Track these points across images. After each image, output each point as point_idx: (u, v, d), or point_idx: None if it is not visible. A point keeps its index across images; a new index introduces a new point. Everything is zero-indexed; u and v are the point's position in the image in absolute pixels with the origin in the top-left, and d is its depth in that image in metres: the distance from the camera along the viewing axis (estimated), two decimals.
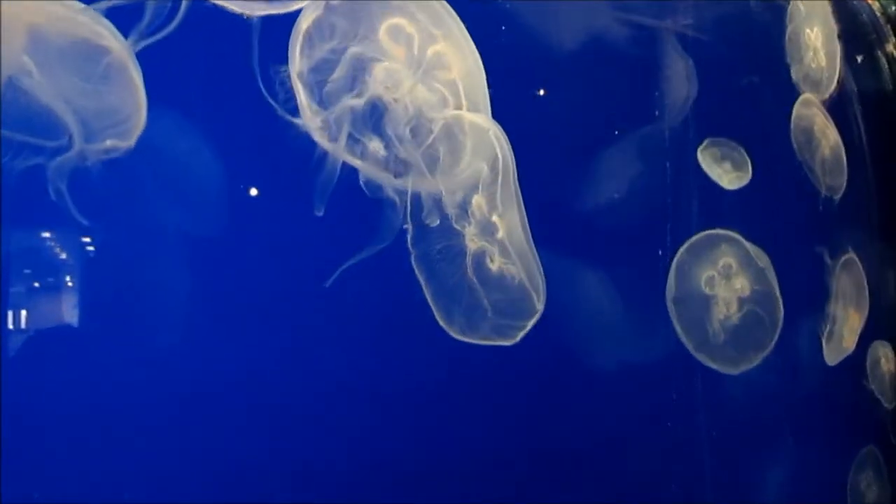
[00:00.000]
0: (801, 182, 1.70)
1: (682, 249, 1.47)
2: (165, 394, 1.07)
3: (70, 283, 1.02)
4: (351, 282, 1.15)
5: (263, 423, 1.11)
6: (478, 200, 1.24)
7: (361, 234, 1.18)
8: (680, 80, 1.58)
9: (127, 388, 1.04)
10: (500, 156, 1.26)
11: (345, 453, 1.16)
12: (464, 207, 1.23)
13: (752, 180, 1.62)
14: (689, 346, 1.45)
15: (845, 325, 1.77)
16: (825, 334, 1.71)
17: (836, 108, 1.85)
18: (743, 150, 1.59)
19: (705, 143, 1.56)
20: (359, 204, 1.17)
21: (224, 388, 1.09)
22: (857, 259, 1.83)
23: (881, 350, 1.92)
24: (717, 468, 1.53)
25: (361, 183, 1.17)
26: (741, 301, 1.50)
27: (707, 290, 1.48)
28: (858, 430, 1.86)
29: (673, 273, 1.45)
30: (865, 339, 1.85)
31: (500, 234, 1.26)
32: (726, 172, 1.55)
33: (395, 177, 1.18)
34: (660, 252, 1.49)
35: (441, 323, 1.21)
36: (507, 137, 1.27)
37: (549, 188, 1.38)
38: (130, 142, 1.05)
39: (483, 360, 1.26)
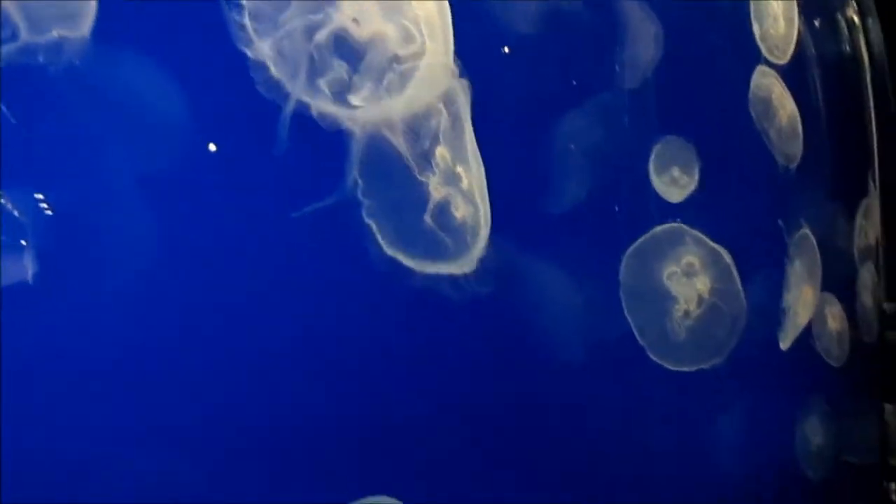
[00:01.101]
0: (759, 152, 1.74)
1: (642, 240, 1.50)
2: (126, 343, 1.06)
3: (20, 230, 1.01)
4: (307, 228, 1.17)
5: (225, 371, 1.11)
6: (441, 151, 1.24)
7: (320, 175, 1.19)
8: (646, 42, 1.60)
9: (88, 341, 1.04)
10: (462, 105, 1.27)
11: (297, 403, 1.17)
12: (427, 157, 1.23)
13: (710, 152, 1.67)
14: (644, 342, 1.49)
15: (799, 301, 1.83)
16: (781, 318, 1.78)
17: (795, 73, 1.88)
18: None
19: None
20: (316, 143, 1.17)
21: (187, 335, 1.09)
22: (810, 233, 1.88)
23: (828, 308, 1.98)
24: (669, 421, 1.60)
25: (316, 117, 1.16)
26: (702, 300, 1.54)
27: (668, 288, 1.52)
28: (806, 385, 1.93)
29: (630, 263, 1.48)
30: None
31: (464, 184, 1.27)
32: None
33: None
34: (616, 208, 1.53)
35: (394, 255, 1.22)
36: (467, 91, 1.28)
37: (508, 147, 1.39)
38: (82, 32, 1.04)
39: (434, 326, 1.29)
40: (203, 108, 1.12)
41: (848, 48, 2.17)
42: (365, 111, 1.18)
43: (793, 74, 1.87)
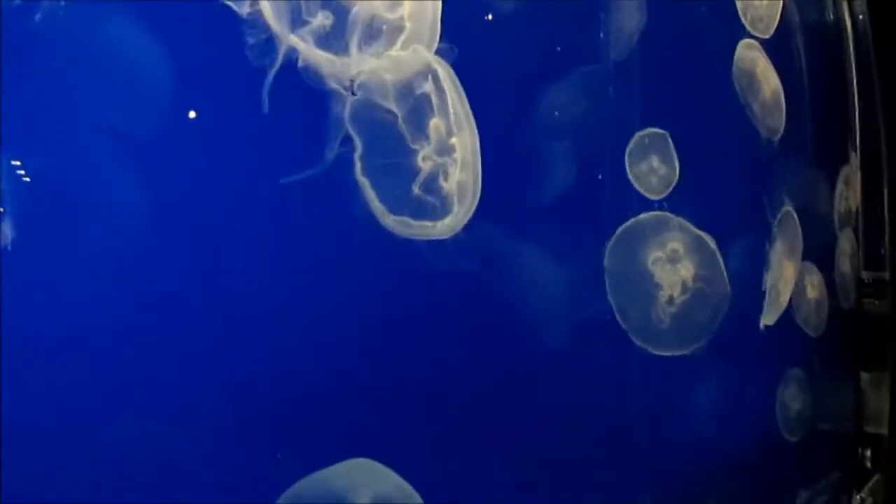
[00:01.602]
0: (743, 126, 1.75)
1: (627, 225, 1.51)
2: (111, 306, 1.04)
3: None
4: (297, 190, 1.16)
5: (210, 335, 1.10)
6: (436, 123, 1.24)
7: (309, 137, 1.17)
8: (630, 10, 1.59)
9: (70, 307, 1.02)
10: (448, 78, 1.26)
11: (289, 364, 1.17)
12: (421, 127, 1.23)
13: (696, 123, 1.68)
14: (626, 327, 1.50)
15: (781, 280, 1.85)
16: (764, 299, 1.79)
17: (779, 43, 1.89)
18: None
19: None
20: (305, 102, 1.16)
21: (173, 300, 1.08)
22: (791, 210, 1.90)
23: (807, 277, 2.01)
24: (647, 392, 1.60)
25: (303, 75, 1.15)
26: (686, 286, 1.55)
27: (652, 273, 1.53)
28: (785, 355, 1.95)
29: (615, 248, 1.48)
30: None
31: (457, 155, 1.27)
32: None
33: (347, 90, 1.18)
34: (599, 177, 1.52)
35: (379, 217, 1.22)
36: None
37: (495, 115, 1.37)
38: None
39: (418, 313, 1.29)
40: (188, 68, 1.09)
41: (831, 16, 2.18)
42: (356, 67, 1.18)
43: (777, 45, 1.87)
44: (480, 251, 1.32)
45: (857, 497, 2.31)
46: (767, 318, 1.83)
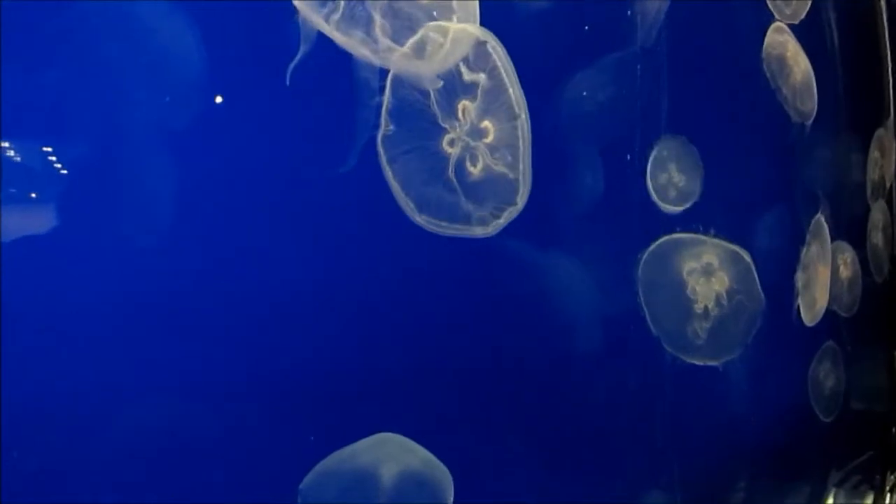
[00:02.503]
0: (774, 112, 1.72)
1: (661, 242, 1.50)
2: (144, 293, 1.05)
3: (46, 188, 1.00)
4: (329, 178, 1.16)
5: (241, 317, 1.11)
6: (466, 104, 1.23)
7: (339, 125, 1.17)
8: None
9: (104, 293, 1.03)
10: (499, 63, 1.24)
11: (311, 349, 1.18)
12: (451, 108, 1.21)
13: (726, 109, 1.67)
14: (658, 334, 1.50)
15: (816, 284, 1.84)
16: (799, 301, 1.79)
17: (810, 22, 1.86)
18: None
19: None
20: (337, 89, 1.16)
21: (204, 283, 1.09)
22: (823, 219, 1.89)
23: (840, 257, 1.99)
24: (677, 387, 1.60)
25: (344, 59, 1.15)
26: (720, 299, 1.54)
27: (686, 286, 1.52)
28: (819, 336, 1.94)
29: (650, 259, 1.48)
30: None
31: (489, 139, 1.25)
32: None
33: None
34: (628, 157, 1.50)
35: (409, 214, 1.22)
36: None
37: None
38: None
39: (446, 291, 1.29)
40: (222, 55, 1.09)
41: None
42: (394, 58, 1.17)
43: (808, 24, 1.85)
44: (513, 255, 1.33)
45: (892, 477, 2.31)
46: (808, 318, 1.83)
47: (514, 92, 1.26)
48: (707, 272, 1.52)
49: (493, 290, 1.34)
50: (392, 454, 1.19)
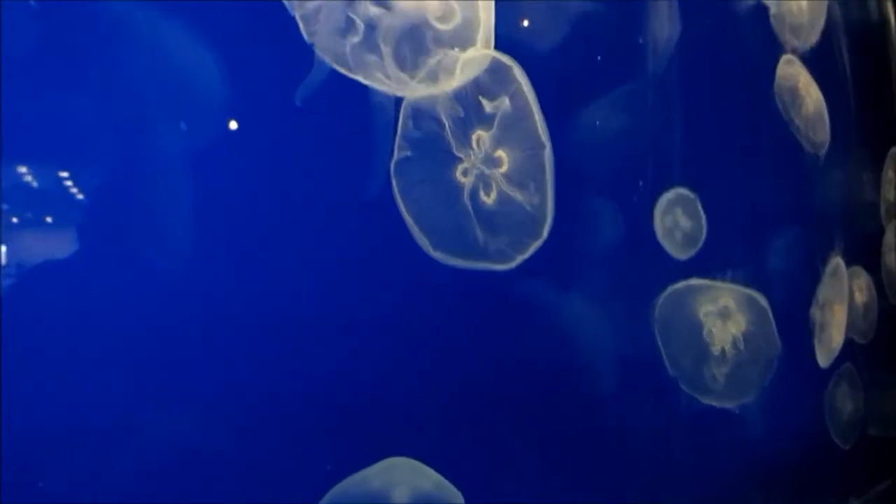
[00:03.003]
0: (788, 142, 1.72)
1: (678, 285, 1.50)
2: (161, 315, 1.06)
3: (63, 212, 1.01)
4: (344, 210, 1.17)
5: (256, 342, 1.11)
6: (481, 133, 1.22)
7: (356, 152, 1.18)
8: (662, 21, 1.56)
9: (128, 319, 1.03)
10: (524, 90, 1.24)
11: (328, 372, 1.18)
12: (465, 137, 1.21)
13: (738, 142, 1.66)
14: (675, 375, 1.50)
15: (832, 324, 1.83)
16: (816, 340, 1.78)
17: (822, 47, 1.86)
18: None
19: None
20: (354, 117, 1.17)
21: (223, 311, 1.09)
22: (841, 261, 1.89)
23: (856, 282, 1.98)
24: (693, 421, 1.59)
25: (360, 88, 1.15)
26: (737, 342, 1.54)
27: (703, 328, 1.52)
28: (836, 364, 1.93)
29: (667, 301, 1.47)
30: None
31: (504, 169, 1.24)
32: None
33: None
34: (640, 183, 1.50)
35: (427, 249, 1.22)
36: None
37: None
38: None
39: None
40: (241, 82, 1.09)
41: (875, 15, 2.14)
42: (411, 87, 1.17)
43: (820, 48, 1.85)
44: (530, 293, 1.33)
45: None
46: (822, 360, 1.82)
47: (538, 120, 1.26)
48: (724, 315, 1.52)
49: (510, 326, 1.33)
50: (404, 478, 1.19)
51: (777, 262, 1.69)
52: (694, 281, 1.49)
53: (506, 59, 1.23)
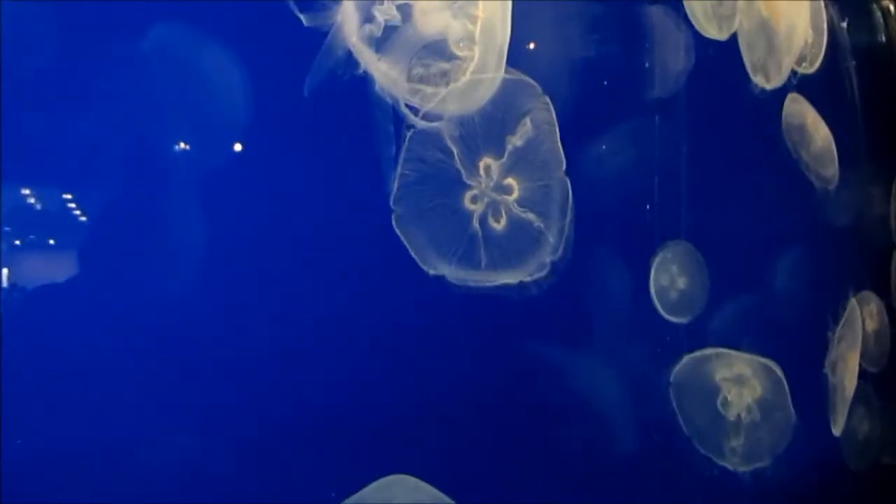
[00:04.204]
0: (798, 180, 1.71)
1: (694, 356, 1.49)
2: (167, 337, 1.06)
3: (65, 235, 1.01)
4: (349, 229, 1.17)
5: (265, 367, 1.12)
6: (488, 161, 1.22)
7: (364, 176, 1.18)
8: (675, 51, 1.55)
9: (128, 344, 1.03)
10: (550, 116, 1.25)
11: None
12: (473, 164, 1.21)
13: (751, 178, 1.65)
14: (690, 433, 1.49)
15: (846, 375, 1.82)
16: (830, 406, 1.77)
17: (828, 69, 1.84)
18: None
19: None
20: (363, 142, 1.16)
21: (229, 335, 1.10)
22: (855, 304, 1.87)
23: (866, 309, 1.96)
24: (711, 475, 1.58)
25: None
26: (751, 407, 1.53)
27: (719, 394, 1.52)
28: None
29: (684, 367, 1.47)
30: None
31: (515, 195, 1.24)
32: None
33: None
34: (647, 206, 1.49)
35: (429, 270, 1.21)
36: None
37: None
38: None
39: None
40: (253, 105, 1.09)
41: (883, 37, 2.12)
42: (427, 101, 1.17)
43: (825, 70, 1.83)
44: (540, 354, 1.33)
45: None
46: (837, 423, 1.82)
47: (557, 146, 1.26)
48: (740, 382, 1.51)
49: (521, 391, 1.33)
50: (401, 494, 1.19)
51: (788, 319, 1.69)
52: (709, 350, 1.49)
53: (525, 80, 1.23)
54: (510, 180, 1.24)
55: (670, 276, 1.46)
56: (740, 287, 1.61)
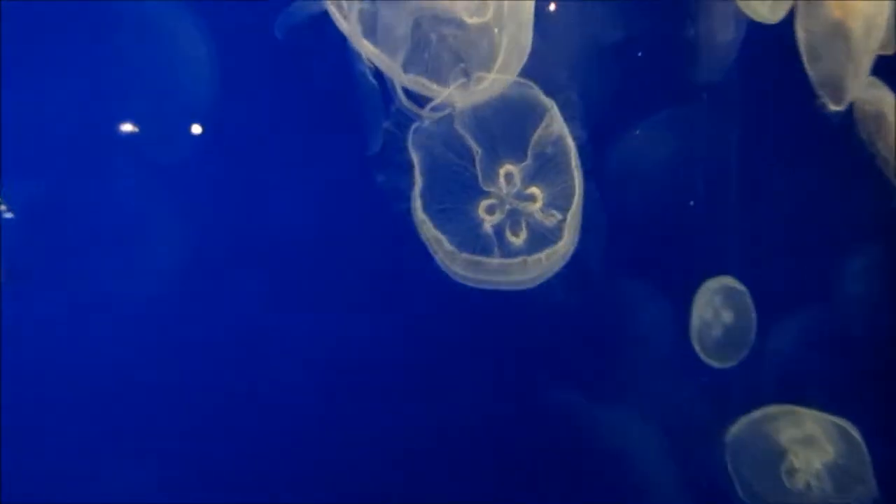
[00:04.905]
0: (874, 182, 1.45)
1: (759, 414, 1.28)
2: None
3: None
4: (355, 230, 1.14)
5: (245, 376, 1.10)
6: (510, 167, 1.14)
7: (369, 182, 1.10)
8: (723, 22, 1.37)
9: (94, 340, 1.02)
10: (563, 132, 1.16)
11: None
12: (493, 170, 1.12)
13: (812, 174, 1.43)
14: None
15: None
16: None
17: None
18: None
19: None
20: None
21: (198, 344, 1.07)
22: None
23: None
24: None
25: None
26: (822, 476, 1.30)
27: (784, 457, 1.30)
28: None
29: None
30: None
31: (538, 205, 1.16)
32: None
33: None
34: (691, 203, 1.36)
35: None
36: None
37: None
38: None
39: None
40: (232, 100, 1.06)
41: None
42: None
43: None
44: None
45: None
46: None
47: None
48: (808, 443, 1.29)
49: (544, 446, 1.24)
50: None
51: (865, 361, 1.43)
52: (772, 408, 1.29)
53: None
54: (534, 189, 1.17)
55: (714, 309, 1.23)
56: (800, 307, 1.39)
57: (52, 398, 0.98)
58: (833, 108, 1.34)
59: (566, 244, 1.14)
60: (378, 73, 1.05)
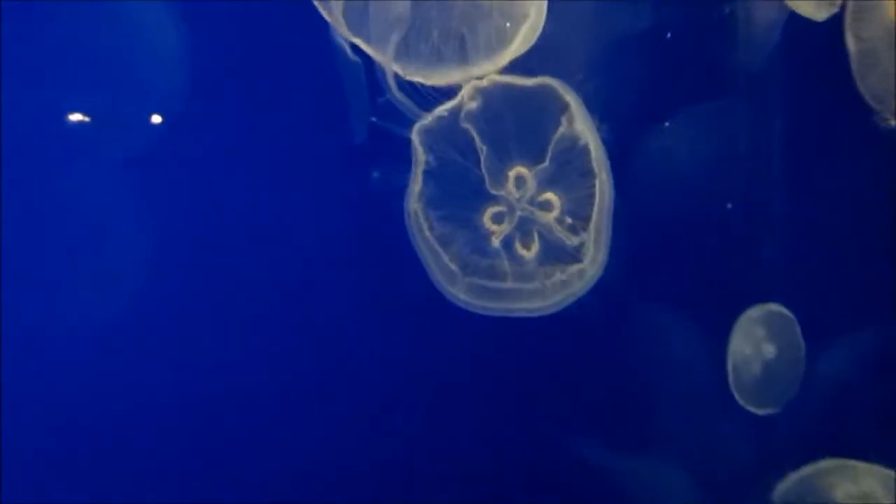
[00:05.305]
0: None
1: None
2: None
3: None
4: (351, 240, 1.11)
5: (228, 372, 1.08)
6: (521, 170, 1.07)
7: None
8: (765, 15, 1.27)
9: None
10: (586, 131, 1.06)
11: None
12: (501, 172, 1.05)
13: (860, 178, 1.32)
14: None
15: None
16: None
17: None
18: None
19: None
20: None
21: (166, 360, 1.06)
22: None
23: None
24: None
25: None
26: None
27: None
28: None
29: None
30: None
31: (554, 214, 1.07)
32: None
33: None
34: (728, 205, 1.29)
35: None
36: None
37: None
38: None
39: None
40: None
41: None
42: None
43: None
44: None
45: None
46: None
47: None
48: (865, 500, 1.16)
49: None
50: None
51: None
52: (825, 462, 1.15)
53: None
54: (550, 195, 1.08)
55: (755, 343, 1.10)
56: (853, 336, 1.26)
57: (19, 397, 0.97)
58: (894, 122, 1.22)
59: (591, 262, 1.05)
60: (358, 49, 0.98)
